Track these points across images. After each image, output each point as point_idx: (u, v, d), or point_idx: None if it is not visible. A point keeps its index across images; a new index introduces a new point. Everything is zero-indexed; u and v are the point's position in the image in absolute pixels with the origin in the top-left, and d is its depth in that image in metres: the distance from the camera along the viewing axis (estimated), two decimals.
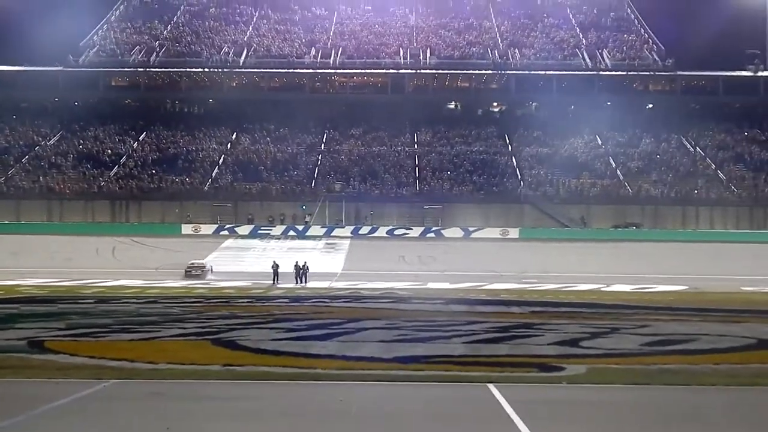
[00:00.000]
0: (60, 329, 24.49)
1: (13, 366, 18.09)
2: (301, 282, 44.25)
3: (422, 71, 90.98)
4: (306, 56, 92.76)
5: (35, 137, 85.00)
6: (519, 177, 77.74)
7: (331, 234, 68.75)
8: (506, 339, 23.01)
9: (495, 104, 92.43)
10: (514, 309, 31.54)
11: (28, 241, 62.32)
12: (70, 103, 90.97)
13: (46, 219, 72.71)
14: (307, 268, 45.10)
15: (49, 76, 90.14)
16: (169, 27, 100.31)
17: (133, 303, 33.20)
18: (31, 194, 74.71)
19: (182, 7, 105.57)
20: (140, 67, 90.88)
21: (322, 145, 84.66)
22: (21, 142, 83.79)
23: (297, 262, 45.90)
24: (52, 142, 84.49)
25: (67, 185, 75.73)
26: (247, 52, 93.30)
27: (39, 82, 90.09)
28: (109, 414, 13.61)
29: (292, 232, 69.30)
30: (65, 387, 15.61)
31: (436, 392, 15.65)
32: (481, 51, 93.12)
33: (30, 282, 43.24)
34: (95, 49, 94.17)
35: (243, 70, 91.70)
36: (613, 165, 79.44)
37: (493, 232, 69.24)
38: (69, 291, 38.76)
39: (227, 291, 39.84)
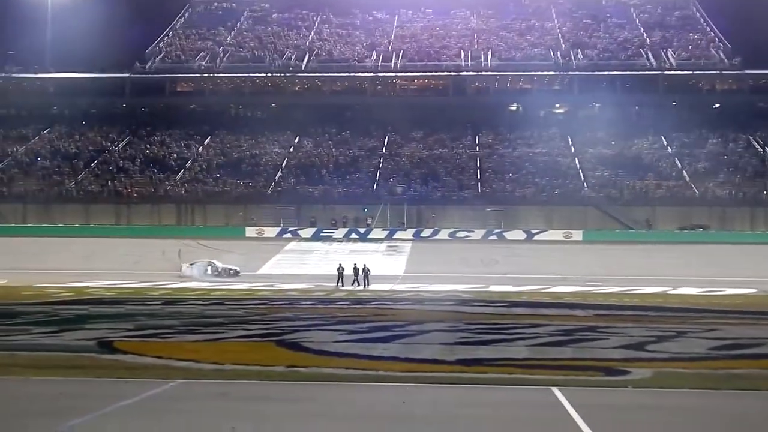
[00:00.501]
0: (128, 330, 24.98)
1: (83, 366, 18.51)
2: (360, 285, 44.29)
3: (483, 73, 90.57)
4: (367, 60, 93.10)
5: (104, 142, 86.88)
6: (582, 179, 76.83)
7: (393, 236, 68.82)
8: (570, 342, 22.76)
9: (557, 105, 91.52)
10: (578, 312, 31.19)
11: (97, 244, 63.70)
12: (137, 109, 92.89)
13: (115, 222, 74.30)
14: (369, 271, 45.20)
15: (116, 82, 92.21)
16: (232, 33, 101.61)
17: (199, 305, 33.71)
18: (99, 198, 76.38)
19: (245, 13, 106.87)
20: (205, 73, 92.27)
21: (384, 148, 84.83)
22: (90, 148, 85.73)
23: (355, 264, 45.97)
24: (119, 147, 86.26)
25: (134, 189, 77.24)
26: (309, 57, 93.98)
27: (107, 88, 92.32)
28: (176, 413, 13.84)
29: (354, 235, 69.59)
30: (133, 386, 15.91)
31: (499, 395, 15.57)
32: (543, 52, 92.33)
33: (99, 284, 44.20)
34: (161, 55, 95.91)
35: (305, 74, 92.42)
36: (679, 166, 78.00)
37: (556, 235, 68.55)
38: (137, 293, 39.53)
39: (291, 293, 40.18)
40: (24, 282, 39.97)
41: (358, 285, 44.21)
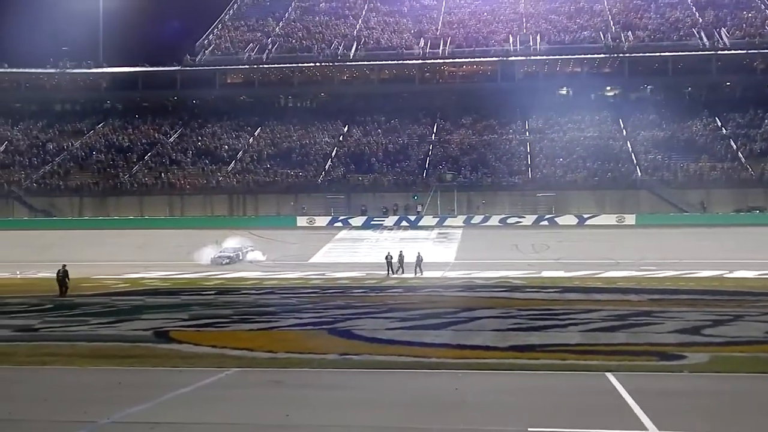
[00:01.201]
0: (183, 320, 25.37)
1: (140, 355, 18.85)
2: (395, 272, 43.87)
3: (532, 57, 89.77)
4: (415, 47, 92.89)
5: (156, 135, 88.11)
6: (634, 162, 75.80)
7: (444, 224, 68.73)
8: (624, 327, 22.54)
9: (608, 88, 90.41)
10: (632, 297, 30.86)
11: (152, 235, 64.66)
12: (189, 101, 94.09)
13: (168, 214, 75.36)
14: (421, 258, 45.02)
15: (168, 75, 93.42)
16: (280, 23, 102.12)
17: (252, 294, 34.08)
18: (153, 190, 77.53)
19: (293, 4, 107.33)
20: (254, 64, 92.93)
21: (433, 135, 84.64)
22: (143, 140, 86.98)
23: (401, 251, 45.63)
24: (172, 139, 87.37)
25: (187, 181, 78.21)
26: (357, 46, 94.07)
27: (159, 81, 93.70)
28: (231, 401, 14.02)
29: (404, 223, 69.63)
30: (189, 375, 16.15)
31: (552, 381, 15.49)
32: (593, 34, 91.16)
33: (154, 275, 44.88)
34: (211, 48, 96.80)
35: (353, 63, 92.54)
36: (734, 147, 76.53)
37: (609, 219, 67.79)
38: (191, 283, 40.06)
39: (342, 281, 40.38)
40: (82, 274, 40.76)
41: (402, 273, 43.76)
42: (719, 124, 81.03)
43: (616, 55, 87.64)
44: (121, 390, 15.05)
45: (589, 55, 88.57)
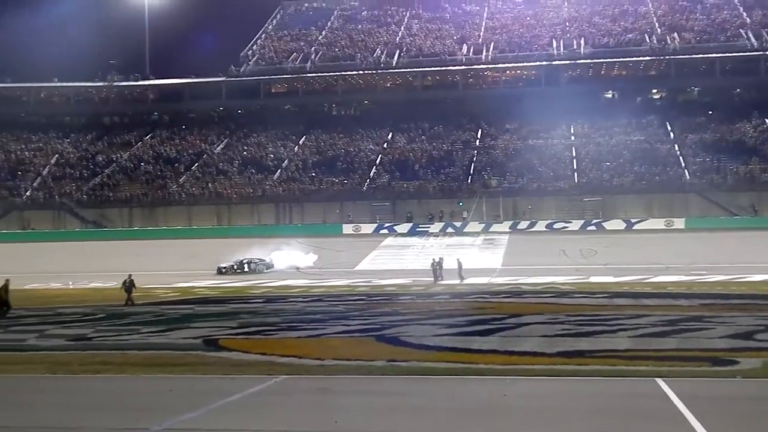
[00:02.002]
0: (232, 328, 25.63)
1: (190, 363, 19.10)
2: (440, 279, 43.59)
3: (577, 61, 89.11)
4: (458, 53, 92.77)
5: (203, 145, 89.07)
6: (683, 165, 74.79)
7: (489, 230, 68.42)
8: (674, 332, 22.28)
9: (654, 91, 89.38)
10: (682, 302, 30.43)
11: (200, 244, 65.36)
12: (234, 112, 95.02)
13: (216, 223, 76.12)
14: (461, 264, 44.60)
15: (213, 86, 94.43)
16: (323, 32, 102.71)
17: (300, 302, 34.26)
18: (201, 200, 78.37)
19: (335, 13, 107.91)
20: (298, 73, 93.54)
21: (477, 140, 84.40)
22: (190, 151, 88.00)
23: (441, 258, 45.40)
24: (218, 149, 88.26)
25: (233, 190, 78.92)
26: (400, 53, 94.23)
27: (205, 92, 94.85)
28: (281, 408, 14.15)
29: (450, 229, 69.47)
30: (239, 383, 16.33)
31: (602, 387, 15.40)
32: (638, 37, 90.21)
33: (203, 284, 45.35)
34: (255, 58, 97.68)
35: (396, 70, 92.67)
36: None
37: (657, 223, 66.96)
38: (239, 291, 40.38)
39: (389, 288, 40.42)
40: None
41: (442, 279, 43.50)
42: None
43: (662, 57, 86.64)
44: (172, 397, 15.29)
45: (634, 58, 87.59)
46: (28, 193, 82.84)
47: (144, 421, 12.91)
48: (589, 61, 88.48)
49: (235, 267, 52.44)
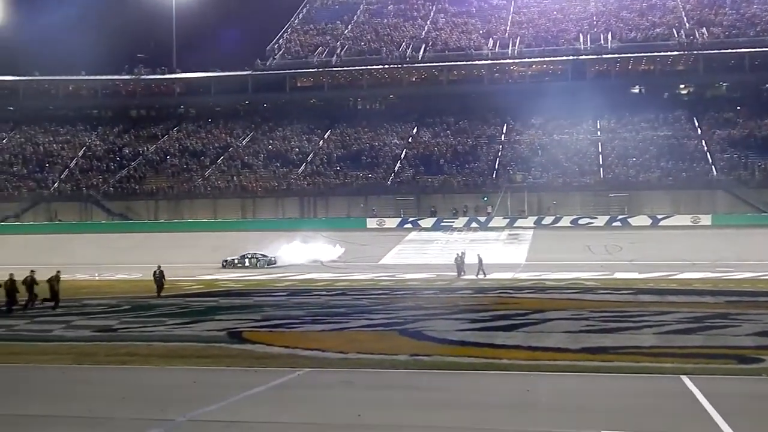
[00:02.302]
0: (256, 321, 25.75)
1: (214, 355, 19.23)
2: (465, 274, 43.30)
3: (603, 56, 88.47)
4: (484, 47, 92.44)
5: (229, 139, 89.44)
6: (710, 161, 74.12)
7: (514, 225, 68.23)
8: (700, 330, 22.11)
9: (682, 86, 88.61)
10: (708, 299, 30.20)
11: (225, 237, 65.64)
12: (260, 105, 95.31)
13: (241, 216, 76.44)
14: (481, 260, 44.25)
15: (239, 80, 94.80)
16: (349, 27, 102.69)
17: (323, 295, 34.36)
18: (226, 193, 78.76)
19: (361, 7, 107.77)
20: (323, 67, 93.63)
21: (503, 135, 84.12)
22: (216, 144, 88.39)
23: (463, 253, 45.05)
24: (244, 142, 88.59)
25: (258, 183, 79.21)
26: (426, 47, 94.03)
27: (231, 86, 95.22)
28: (304, 401, 14.20)
29: (474, 224, 69.33)
30: (262, 375, 16.42)
31: (626, 384, 15.32)
32: (666, 32, 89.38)
33: (227, 276, 45.59)
34: (281, 52, 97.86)
35: (422, 64, 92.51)
36: None
37: (684, 220, 66.40)
38: (263, 284, 40.55)
39: (412, 283, 40.42)
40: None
41: (464, 274, 43.19)
42: None
43: (690, 52, 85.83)
44: (196, 389, 15.39)
45: (662, 53, 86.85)
46: (55, 185, 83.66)
47: (168, 413, 13.01)
48: (616, 55, 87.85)
49: (236, 261, 52.69)
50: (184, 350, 20.14)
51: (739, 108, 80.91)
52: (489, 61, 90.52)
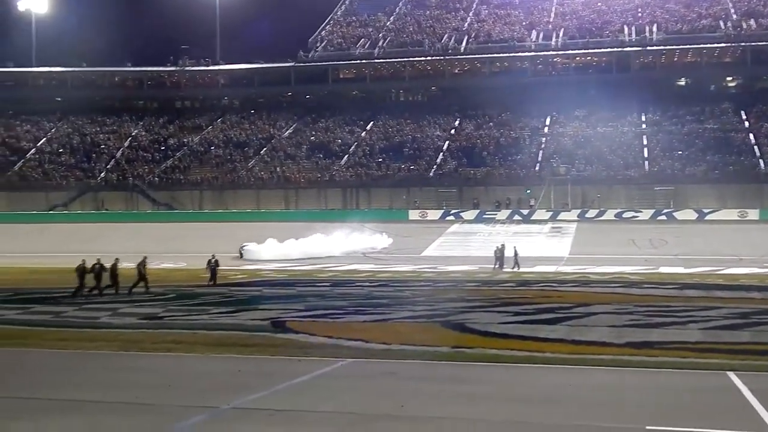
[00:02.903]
0: (299, 310, 25.91)
1: (258, 344, 19.42)
2: (504, 266, 42.97)
3: (649, 48, 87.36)
4: (527, 39, 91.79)
5: (271, 130, 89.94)
6: (758, 155, 72.89)
7: (557, 218, 67.78)
8: (748, 326, 21.83)
9: (729, 78, 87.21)
10: (755, 294, 29.75)
11: (268, 227, 65.99)
12: (302, 97, 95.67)
13: (283, 207, 76.86)
14: (517, 252, 43.95)
15: (282, 72, 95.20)
16: (391, 18, 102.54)
17: (366, 286, 34.45)
18: (269, 184, 79.23)
19: None
20: (366, 59, 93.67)
21: (546, 127, 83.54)
22: (259, 135, 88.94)
23: (503, 245, 44.77)
24: (286, 134, 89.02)
25: (301, 175, 79.58)
26: (468, 39, 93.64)
27: (274, 78, 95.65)
28: (347, 391, 14.30)
29: (517, 217, 68.98)
30: (306, 365, 16.56)
31: (671, 379, 15.19)
32: (713, 23, 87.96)
33: (271, 266, 45.86)
34: (323, 44, 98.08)
35: (464, 56, 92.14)
36: None
37: (730, 214, 65.41)
38: (307, 275, 40.72)
39: (455, 275, 40.38)
40: (201, 265, 42.02)
41: (503, 267, 42.90)
42: None
43: (737, 43, 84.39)
44: (240, 377, 15.56)
45: (708, 45, 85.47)
46: (102, 175, 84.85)
47: (213, 400, 13.18)
48: (661, 47, 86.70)
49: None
50: (228, 339, 20.37)
51: None
52: (532, 53, 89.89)
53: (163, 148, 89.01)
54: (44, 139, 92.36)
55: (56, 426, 11.82)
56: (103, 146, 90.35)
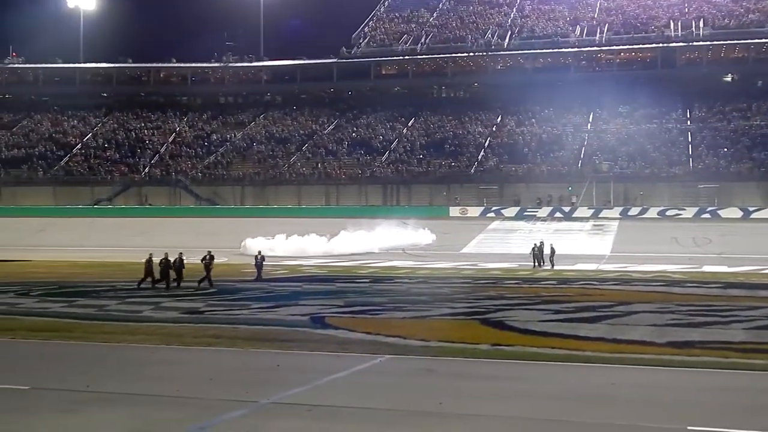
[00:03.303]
0: (339, 306, 26.00)
1: (298, 340, 19.52)
2: (546, 264, 42.69)
3: (695, 43, 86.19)
4: (571, 35, 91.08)
5: (313, 126, 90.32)
6: None
7: (599, 215, 67.21)
8: None
9: None
10: None
11: (309, 223, 66.25)
12: (344, 93, 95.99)
13: (324, 203, 77.18)
14: (554, 250, 43.65)
15: (325, 68, 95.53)
16: (434, 14, 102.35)
17: (405, 283, 34.47)
18: (310, 180, 79.63)
19: None
20: (408, 55, 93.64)
21: (589, 124, 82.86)
22: (301, 131, 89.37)
23: (542, 242, 44.43)
24: (328, 130, 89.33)
25: (342, 171, 79.84)
26: (511, 34, 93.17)
27: (316, 73, 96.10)
28: (386, 387, 14.32)
29: (558, 214, 68.53)
30: (345, 361, 16.61)
31: (713, 379, 15.00)
32: (761, 18, 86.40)
33: (311, 262, 46.09)
34: (366, 40, 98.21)
35: (507, 52, 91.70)
36: None
37: None
38: (346, 271, 40.87)
39: (494, 272, 40.25)
40: (243, 260, 42.41)
41: (541, 264, 42.58)
42: None
43: None
44: (280, 372, 15.67)
45: (756, 40, 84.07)
46: (146, 170, 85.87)
47: (253, 394, 13.29)
48: (708, 43, 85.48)
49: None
50: (268, 334, 20.50)
51: None
52: (576, 49, 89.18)
53: (206, 143, 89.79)
54: (90, 134, 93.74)
55: (102, 418, 12.01)
56: (147, 142, 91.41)
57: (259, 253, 36.45)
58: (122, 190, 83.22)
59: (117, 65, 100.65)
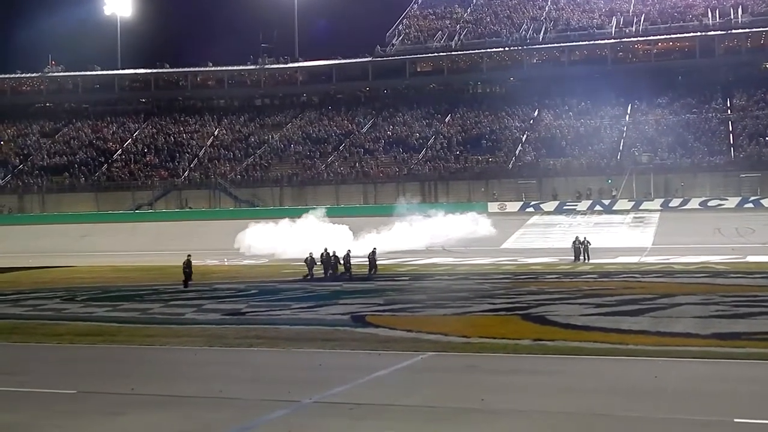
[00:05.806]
0: (379, 305, 26.05)
1: (339, 338, 19.60)
2: (581, 258, 42.31)
3: (734, 31, 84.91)
4: (607, 26, 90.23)
5: (350, 125, 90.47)
6: None
7: (640, 207, 66.51)
8: None
9: None
10: None
11: (348, 222, 66.33)
12: (380, 91, 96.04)
13: (363, 202, 77.21)
14: (588, 243, 43.29)
15: (360, 67, 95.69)
16: (468, 10, 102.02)
17: (445, 280, 34.43)
18: (348, 179, 79.76)
19: None
20: (443, 52, 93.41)
21: (627, 116, 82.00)
22: (338, 131, 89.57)
23: (577, 237, 44.12)
24: (365, 129, 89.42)
25: (380, 169, 79.88)
26: (546, 28, 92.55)
27: (351, 73, 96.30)
28: (428, 385, 14.33)
29: (598, 207, 67.94)
30: (386, 359, 16.64)
31: (758, 371, 14.80)
32: None
33: (353, 261, 46.07)
34: (400, 37, 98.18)
35: (543, 46, 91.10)
36: None
37: None
38: (385, 269, 40.89)
39: (535, 267, 40.05)
40: (282, 261, 42.67)
41: (586, 259, 42.22)
42: None
43: None
44: (322, 371, 15.74)
45: None
46: (185, 174, 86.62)
47: (295, 394, 13.36)
48: (747, 30, 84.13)
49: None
50: (309, 333, 20.61)
51: None
52: (612, 40, 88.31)
53: (244, 145, 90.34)
54: (130, 140, 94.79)
55: (147, 420, 12.17)
56: (186, 145, 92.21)
57: (310, 254, 37.11)
58: (162, 194, 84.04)
59: (154, 71, 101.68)
